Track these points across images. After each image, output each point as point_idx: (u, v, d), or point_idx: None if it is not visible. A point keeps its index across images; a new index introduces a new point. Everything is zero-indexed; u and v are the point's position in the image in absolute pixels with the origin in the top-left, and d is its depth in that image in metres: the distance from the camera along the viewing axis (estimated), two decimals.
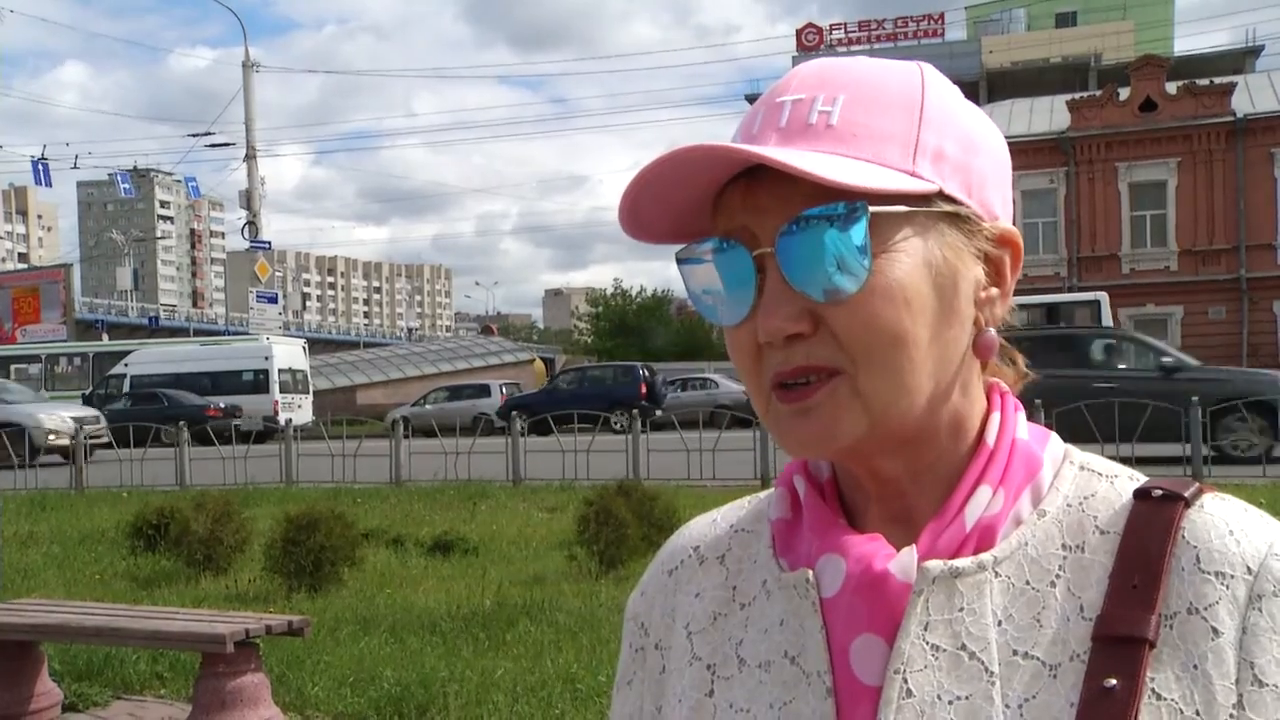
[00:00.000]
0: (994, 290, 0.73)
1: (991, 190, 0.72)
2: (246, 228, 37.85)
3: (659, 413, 20.70)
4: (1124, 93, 32.65)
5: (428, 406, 30.27)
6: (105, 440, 19.46)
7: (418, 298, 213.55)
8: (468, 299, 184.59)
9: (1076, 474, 0.74)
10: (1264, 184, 31.31)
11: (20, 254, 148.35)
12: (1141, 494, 0.71)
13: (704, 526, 0.85)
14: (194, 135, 43.88)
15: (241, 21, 37.94)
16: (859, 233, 0.65)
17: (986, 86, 46.27)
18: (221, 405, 27.65)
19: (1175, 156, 31.95)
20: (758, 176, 0.68)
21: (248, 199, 37.57)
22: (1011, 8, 56.82)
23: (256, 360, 31.60)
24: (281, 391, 31.15)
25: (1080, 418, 11.61)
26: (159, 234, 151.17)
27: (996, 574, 0.70)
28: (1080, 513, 0.72)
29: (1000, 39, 53.19)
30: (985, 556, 0.70)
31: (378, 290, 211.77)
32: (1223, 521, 0.69)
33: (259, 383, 31.15)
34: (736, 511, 0.85)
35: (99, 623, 4.84)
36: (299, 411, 29.92)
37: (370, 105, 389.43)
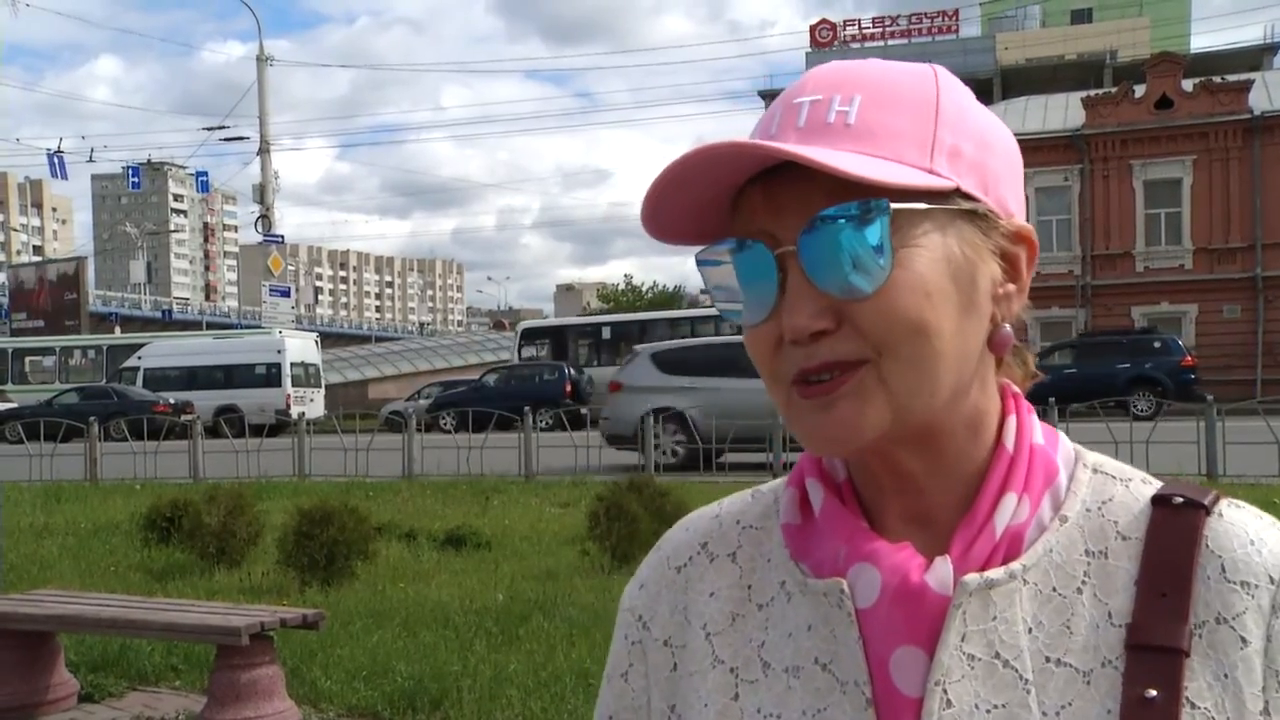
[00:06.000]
0: (1011, 286, 0.73)
1: (1006, 188, 0.73)
2: (260, 221, 37.91)
3: (584, 411, 20.81)
4: (1139, 90, 32.47)
5: (421, 401, 30.19)
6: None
7: (430, 292, 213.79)
8: (480, 294, 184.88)
9: (1091, 477, 0.75)
10: None
11: (35, 246, 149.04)
12: (1161, 500, 0.72)
13: (708, 522, 0.84)
14: (209, 129, 43.91)
15: (256, 15, 38.01)
16: (880, 230, 0.66)
17: (1001, 83, 46.12)
18: (171, 401, 27.55)
19: (1191, 154, 31.77)
20: (777, 176, 0.69)
21: (261, 193, 37.64)
22: (1026, 4, 56.63)
23: (269, 354, 31.65)
24: (294, 385, 31.20)
25: None
26: (172, 227, 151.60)
27: (1025, 582, 0.70)
28: (1100, 517, 0.73)
29: (1015, 36, 52.99)
30: (1015, 566, 0.71)
31: (390, 285, 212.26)
32: (1243, 530, 0.70)
33: (271, 376, 31.19)
34: (740, 506, 0.84)
35: (115, 614, 4.87)
36: (311, 405, 29.95)
37: (398, 99, 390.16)
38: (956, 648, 0.69)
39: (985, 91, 43.78)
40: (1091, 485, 0.74)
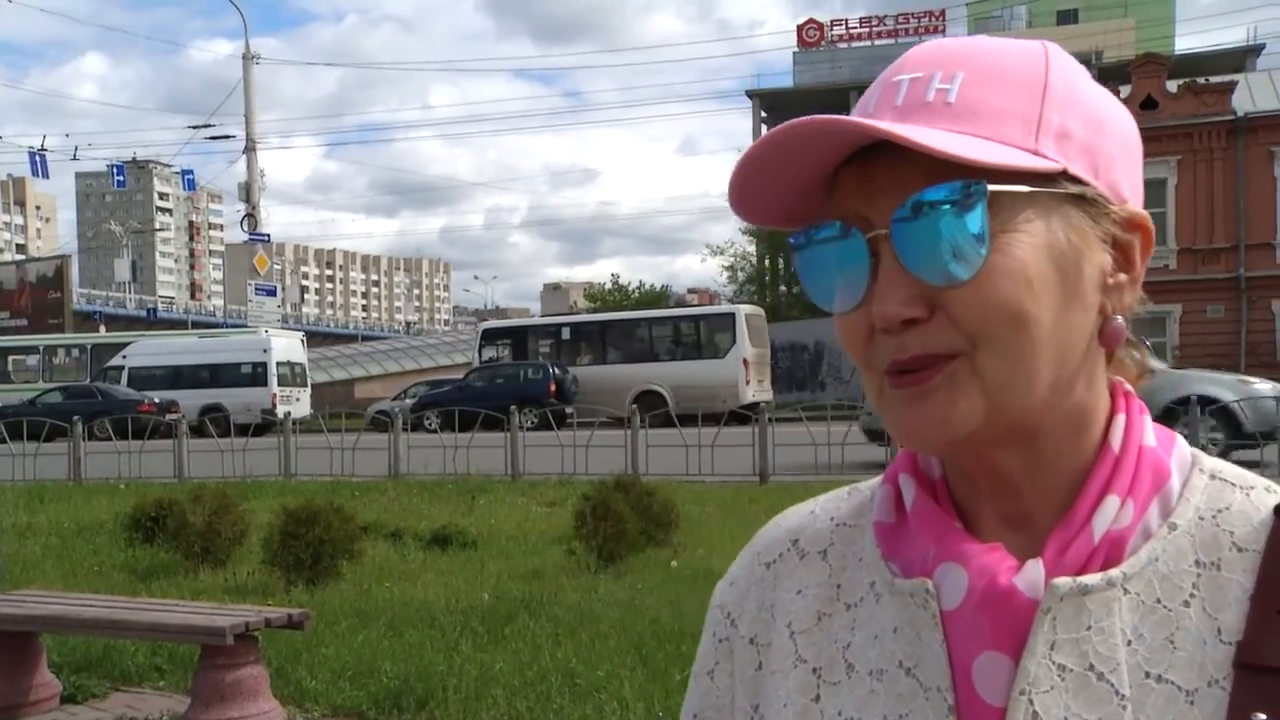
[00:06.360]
0: (1122, 276, 0.69)
1: (1120, 172, 0.69)
2: (245, 220, 37.80)
3: (569, 410, 21.02)
4: (1124, 91, 32.62)
5: (407, 401, 30.04)
6: None
7: (416, 291, 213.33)
8: (467, 293, 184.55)
9: (1207, 483, 0.70)
10: (1264, 183, 31.31)
11: (18, 245, 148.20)
12: None
13: (802, 518, 0.81)
14: (194, 127, 43.73)
15: (242, 13, 37.88)
16: (978, 214, 0.63)
17: None
18: (156, 400, 27.45)
19: (1175, 155, 31.94)
20: (873, 157, 0.66)
21: (247, 191, 37.52)
22: (1012, 5, 56.85)
23: (255, 353, 31.57)
24: (280, 384, 31.10)
25: None
26: (157, 226, 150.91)
27: (1126, 590, 0.66)
28: (1214, 527, 0.68)
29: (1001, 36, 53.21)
30: (1114, 573, 0.66)
31: (376, 284, 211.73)
32: None
33: (257, 375, 31.11)
34: (836, 503, 0.81)
35: (98, 614, 4.85)
36: (297, 404, 29.90)
37: (386, 98, 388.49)
38: (1045, 656, 0.65)
39: None
40: (1207, 492, 0.69)
